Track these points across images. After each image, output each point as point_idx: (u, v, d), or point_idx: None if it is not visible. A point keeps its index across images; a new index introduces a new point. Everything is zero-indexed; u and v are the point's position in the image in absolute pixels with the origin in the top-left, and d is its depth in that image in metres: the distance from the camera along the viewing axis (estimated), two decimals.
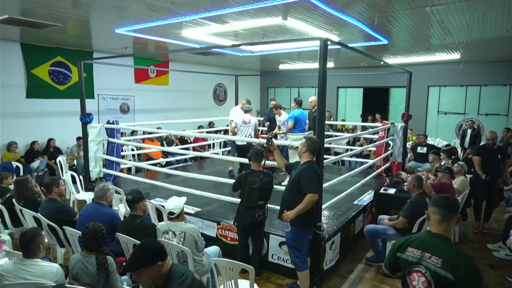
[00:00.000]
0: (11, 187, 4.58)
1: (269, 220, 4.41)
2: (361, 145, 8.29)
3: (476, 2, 4.38)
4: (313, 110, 6.44)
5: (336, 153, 8.49)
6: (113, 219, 3.49)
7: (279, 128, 6.88)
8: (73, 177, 5.93)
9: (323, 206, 3.78)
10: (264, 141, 4.00)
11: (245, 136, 6.03)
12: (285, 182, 5.68)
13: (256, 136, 6.13)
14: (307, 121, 6.35)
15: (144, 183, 5.60)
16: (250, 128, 6.19)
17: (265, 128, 7.41)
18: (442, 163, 5.95)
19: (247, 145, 5.73)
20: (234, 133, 6.41)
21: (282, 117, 6.74)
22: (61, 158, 7.23)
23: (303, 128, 6.07)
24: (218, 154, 8.32)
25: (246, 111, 6.38)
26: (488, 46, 7.52)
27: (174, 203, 3.22)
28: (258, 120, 7.25)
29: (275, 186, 4.54)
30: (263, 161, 3.89)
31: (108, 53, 8.57)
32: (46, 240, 2.67)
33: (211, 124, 10.82)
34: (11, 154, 7.25)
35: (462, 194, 4.87)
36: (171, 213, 3.17)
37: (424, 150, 7.11)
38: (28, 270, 2.46)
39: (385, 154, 6.86)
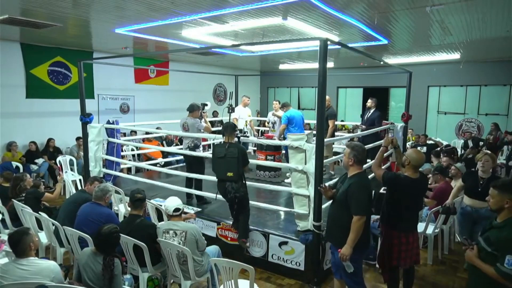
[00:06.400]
0: None
1: (268, 220, 4.42)
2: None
3: (476, 2, 4.38)
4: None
5: (336, 153, 8.47)
6: (110, 218, 3.49)
7: (273, 125, 6.88)
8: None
9: (323, 206, 3.78)
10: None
11: (188, 147, 5.04)
12: (288, 180, 5.69)
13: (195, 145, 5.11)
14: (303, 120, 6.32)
15: (144, 183, 5.60)
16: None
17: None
18: (435, 164, 5.96)
19: (190, 156, 5.05)
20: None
21: (278, 114, 6.71)
22: (61, 158, 7.23)
23: (301, 128, 6.04)
24: None
25: (190, 110, 5.14)
26: (488, 46, 7.52)
27: (176, 201, 3.29)
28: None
29: (273, 186, 4.56)
30: (235, 135, 4.03)
31: (108, 53, 8.57)
32: (36, 239, 2.66)
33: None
34: (12, 154, 7.24)
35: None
36: (176, 209, 3.24)
37: (424, 150, 7.11)
38: (24, 269, 2.46)
39: (385, 154, 6.84)
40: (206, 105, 5.41)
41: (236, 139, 4.06)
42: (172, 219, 3.27)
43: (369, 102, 6.74)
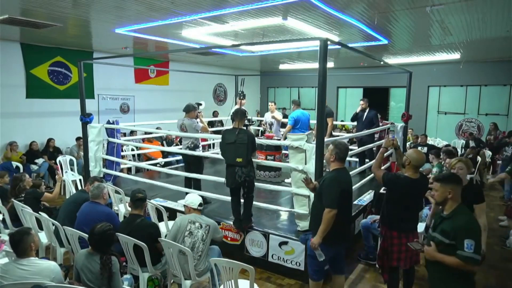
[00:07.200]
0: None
1: (268, 220, 4.43)
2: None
3: (476, 2, 4.38)
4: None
5: None
6: (109, 217, 3.49)
7: (270, 127, 6.87)
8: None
9: None
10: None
11: (187, 147, 5.00)
12: (288, 180, 5.69)
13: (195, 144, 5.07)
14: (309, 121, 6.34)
15: (144, 183, 5.60)
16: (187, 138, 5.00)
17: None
18: (435, 164, 5.93)
19: (190, 156, 4.99)
20: None
21: (275, 115, 6.71)
22: (61, 158, 7.23)
23: (307, 129, 6.05)
24: (218, 154, 8.29)
25: (187, 111, 5.04)
26: (488, 46, 7.52)
27: (198, 197, 3.52)
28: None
29: (273, 186, 4.56)
30: (244, 122, 4.05)
31: (108, 53, 8.57)
32: (36, 239, 2.67)
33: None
34: (13, 154, 7.24)
35: None
36: (200, 204, 3.45)
37: (424, 150, 7.10)
38: (25, 269, 2.46)
39: (385, 154, 6.84)
40: (200, 104, 5.37)
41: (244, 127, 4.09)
42: (194, 212, 3.39)
43: (363, 104, 6.76)
